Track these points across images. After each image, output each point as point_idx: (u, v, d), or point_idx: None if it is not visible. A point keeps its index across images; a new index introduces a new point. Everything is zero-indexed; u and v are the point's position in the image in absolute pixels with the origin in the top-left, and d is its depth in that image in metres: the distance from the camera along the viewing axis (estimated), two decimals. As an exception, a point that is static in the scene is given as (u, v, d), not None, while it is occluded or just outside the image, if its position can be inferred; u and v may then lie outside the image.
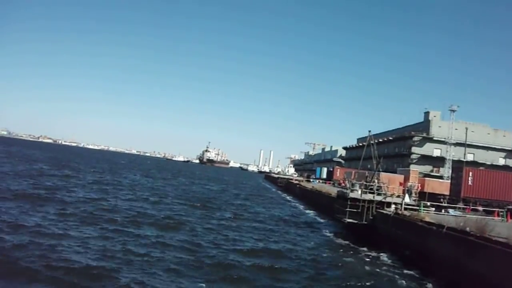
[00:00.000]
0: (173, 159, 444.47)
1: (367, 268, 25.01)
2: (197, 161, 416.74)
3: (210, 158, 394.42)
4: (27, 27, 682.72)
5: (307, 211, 58.40)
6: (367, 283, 21.61)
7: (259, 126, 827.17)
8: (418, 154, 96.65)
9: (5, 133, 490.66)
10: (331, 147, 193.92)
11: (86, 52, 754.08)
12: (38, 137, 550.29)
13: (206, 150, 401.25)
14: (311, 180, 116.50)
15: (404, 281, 22.35)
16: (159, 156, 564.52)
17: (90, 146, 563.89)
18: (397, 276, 23.29)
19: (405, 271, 24.51)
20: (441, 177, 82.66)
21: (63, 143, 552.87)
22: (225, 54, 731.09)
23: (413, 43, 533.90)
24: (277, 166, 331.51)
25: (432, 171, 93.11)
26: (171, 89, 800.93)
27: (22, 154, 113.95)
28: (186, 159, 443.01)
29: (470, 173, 46.47)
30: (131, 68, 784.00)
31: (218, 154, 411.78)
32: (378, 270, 24.70)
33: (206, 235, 29.61)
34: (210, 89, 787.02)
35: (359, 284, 21.48)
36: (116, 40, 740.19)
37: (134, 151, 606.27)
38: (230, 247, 26.60)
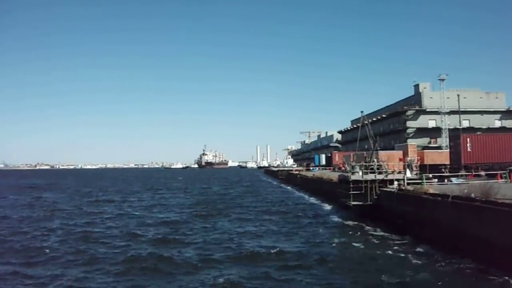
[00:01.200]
0: (172, 167, 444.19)
1: (378, 250, 24.76)
2: (196, 165, 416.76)
3: (208, 160, 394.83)
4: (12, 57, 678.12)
5: (311, 199, 58.28)
6: (381, 265, 21.38)
7: (252, 121, 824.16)
8: (414, 127, 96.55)
9: (2, 165, 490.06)
10: (326, 132, 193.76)
11: (69, 70, 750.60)
12: (35, 165, 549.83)
13: (203, 154, 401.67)
14: (311, 168, 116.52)
15: (417, 260, 21.99)
16: (157, 166, 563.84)
17: (88, 167, 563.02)
18: (409, 255, 22.92)
19: (416, 249, 24.22)
20: (439, 148, 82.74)
21: (61, 167, 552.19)
22: (208, 52, 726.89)
23: (396, 15, 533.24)
24: (276, 159, 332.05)
25: (429, 142, 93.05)
26: (160, 96, 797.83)
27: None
28: (184, 165, 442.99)
29: (468, 140, 46.32)
30: (117, 82, 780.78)
31: (215, 156, 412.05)
32: (389, 248, 24.53)
33: (218, 237, 29.38)
34: (199, 91, 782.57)
35: (373, 266, 21.25)
36: (100, 60, 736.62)
37: (132, 165, 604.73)
38: (245, 243, 26.44)
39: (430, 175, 38.81)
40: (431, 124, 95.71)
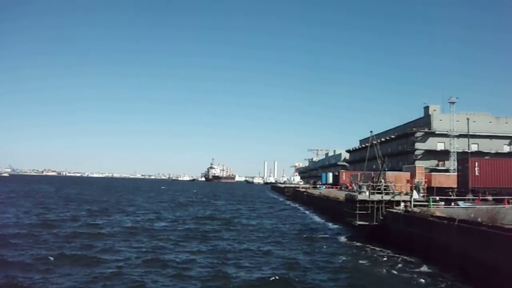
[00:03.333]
0: (179, 179, 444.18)
1: (383, 270, 24.73)
2: (203, 179, 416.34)
3: (216, 174, 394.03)
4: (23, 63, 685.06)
5: (317, 218, 58.11)
6: (386, 285, 21.54)
7: (260, 137, 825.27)
8: (422, 149, 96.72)
9: (9, 170, 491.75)
10: (334, 151, 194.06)
11: (77, 82, 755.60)
12: (42, 171, 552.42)
13: (211, 167, 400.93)
14: (318, 186, 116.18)
15: (422, 280, 22.09)
16: (164, 177, 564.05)
17: (95, 175, 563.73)
18: (415, 275, 23.05)
19: (422, 269, 24.32)
20: (447, 171, 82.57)
21: (67, 174, 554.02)
22: (219, 63, 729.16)
23: (406, 35, 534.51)
24: (283, 176, 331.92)
25: (437, 165, 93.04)
26: (168, 107, 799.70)
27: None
28: (191, 178, 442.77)
29: (476, 164, 46.33)
30: (126, 91, 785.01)
31: (223, 170, 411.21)
32: (394, 271, 24.45)
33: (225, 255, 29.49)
34: (208, 103, 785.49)
35: (378, 286, 21.33)
36: (109, 68, 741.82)
37: (138, 175, 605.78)
38: (249, 261, 26.55)
39: (437, 198, 38.78)
40: (440, 146, 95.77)
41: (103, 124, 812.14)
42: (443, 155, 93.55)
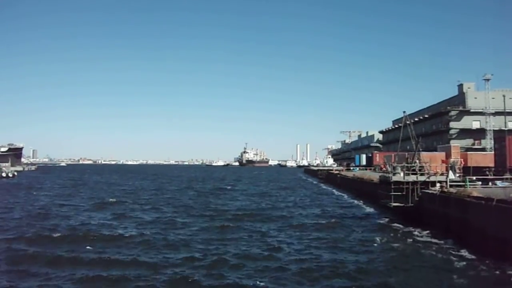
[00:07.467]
0: (213, 164, 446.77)
1: (419, 252, 24.69)
2: (237, 163, 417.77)
3: (249, 159, 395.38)
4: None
5: (352, 200, 57.93)
6: (424, 268, 21.46)
7: (293, 120, 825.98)
8: (457, 128, 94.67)
9: (47, 160, 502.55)
10: (367, 132, 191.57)
11: (111, 68, 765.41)
12: (78, 160, 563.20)
13: (244, 152, 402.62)
14: (351, 168, 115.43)
15: (460, 263, 21.89)
16: (197, 163, 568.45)
17: (130, 162, 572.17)
18: (452, 258, 22.85)
19: (459, 251, 24.10)
20: (483, 149, 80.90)
21: (103, 162, 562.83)
22: (251, 49, 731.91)
23: (439, 8, 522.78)
24: (316, 159, 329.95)
25: (473, 144, 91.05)
26: (201, 90, 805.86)
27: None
28: (225, 163, 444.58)
29: (514, 141, 45.13)
30: (159, 81, 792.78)
31: (256, 154, 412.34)
32: (431, 252, 24.36)
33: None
34: (240, 87, 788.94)
35: (414, 269, 21.36)
36: (142, 55, 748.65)
37: (172, 162, 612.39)
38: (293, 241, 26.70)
39: (474, 178, 38.04)
40: (475, 125, 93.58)
41: (135, 110, 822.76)
42: (479, 133, 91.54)
